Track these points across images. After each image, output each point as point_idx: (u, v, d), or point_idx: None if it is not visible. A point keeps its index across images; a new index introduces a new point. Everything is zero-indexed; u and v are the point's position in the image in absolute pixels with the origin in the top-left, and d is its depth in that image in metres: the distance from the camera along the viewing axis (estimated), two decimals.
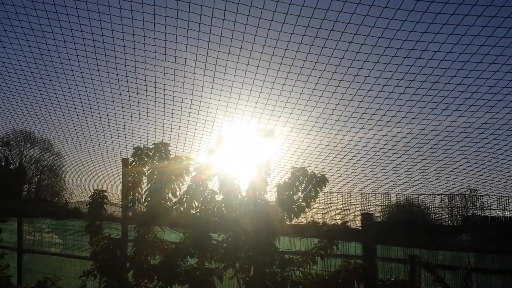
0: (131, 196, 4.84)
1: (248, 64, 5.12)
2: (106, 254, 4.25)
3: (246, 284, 3.70)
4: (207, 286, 3.56)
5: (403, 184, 5.35)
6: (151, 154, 4.86)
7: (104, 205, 4.88)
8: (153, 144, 4.89)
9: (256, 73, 5.13)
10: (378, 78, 4.59)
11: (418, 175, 5.86)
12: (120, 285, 3.95)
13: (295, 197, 4.34)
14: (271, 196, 4.35)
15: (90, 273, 4.08)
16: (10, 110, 8.27)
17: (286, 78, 5.05)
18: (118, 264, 4.09)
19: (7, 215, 7.56)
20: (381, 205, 3.95)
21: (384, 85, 4.73)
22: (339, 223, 4.02)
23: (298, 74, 4.95)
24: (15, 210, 7.01)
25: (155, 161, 4.82)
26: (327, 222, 4.05)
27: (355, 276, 3.35)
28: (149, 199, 4.65)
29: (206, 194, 4.49)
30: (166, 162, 4.79)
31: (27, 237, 7.66)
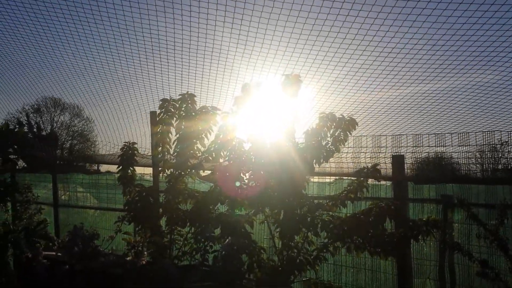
0: (160, 148, 4.92)
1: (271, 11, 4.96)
2: (139, 202, 4.35)
3: (277, 225, 3.73)
4: (239, 229, 3.61)
5: (434, 128, 5.20)
6: (177, 105, 4.88)
7: (135, 157, 4.96)
8: (180, 95, 4.90)
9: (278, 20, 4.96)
10: (409, 14, 4.35)
11: (449, 126, 5.68)
12: (154, 232, 4.05)
13: (323, 142, 4.31)
14: (299, 145, 4.31)
15: (124, 219, 4.20)
16: (39, 77, 8.41)
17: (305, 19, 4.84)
18: (151, 211, 4.19)
19: (42, 171, 7.82)
20: (412, 150, 3.86)
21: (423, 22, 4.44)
22: (369, 166, 3.98)
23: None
24: (50, 166, 7.25)
25: (182, 112, 4.84)
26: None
27: (387, 213, 3.33)
28: (178, 149, 4.71)
29: (234, 143, 4.51)
30: (193, 112, 4.80)
31: (62, 197, 7.94)
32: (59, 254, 4.11)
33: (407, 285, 3.77)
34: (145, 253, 2.34)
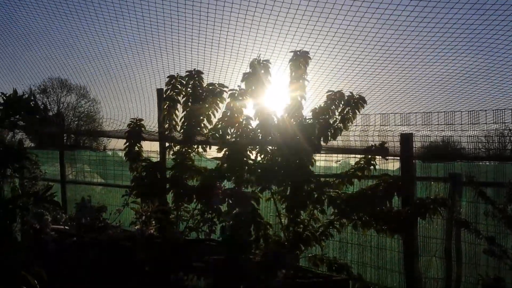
0: (167, 125, 4.91)
1: None
2: (146, 178, 4.37)
3: (284, 201, 3.73)
4: (246, 202, 3.62)
5: (444, 107, 5.12)
6: (184, 82, 4.86)
7: (142, 134, 4.96)
8: (187, 71, 4.87)
9: None
10: None
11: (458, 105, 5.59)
12: (161, 207, 4.07)
13: (331, 120, 4.28)
14: (307, 120, 4.29)
15: (131, 192, 4.22)
16: (46, 57, 8.37)
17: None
18: (158, 187, 4.21)
19: (49, 148, 7.87)
20: (421, 128, 3.83)
21: None
22: (377, 144, 3.96)
23: None
24: (57, 143, 7.30)
25: (189, 89, 4.82)
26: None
27: (395, 188, 3.32)
28: (185, 126, 4.70)
29: (241, 120, 4.50)
30: (200, 89, 4.79)
31: (69, 175, 7.99)
32: (66, 227, 4.15)
33: (413, 263, 3.78)
34: (153, 222, 2.36)
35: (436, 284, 3.78)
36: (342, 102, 4.32)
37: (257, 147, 4.23)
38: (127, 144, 4.87)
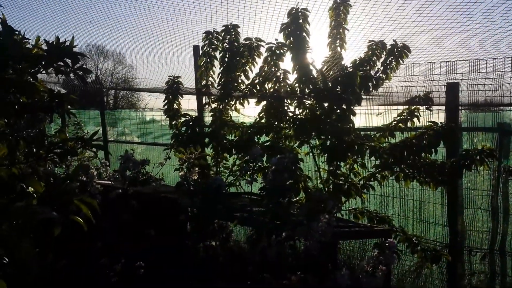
0: (204, 81, 4.91)
1: None
2: (185, 132, 4.41)
3: (324, 152, 3.69)
4: (286, 153, 3.60)
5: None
6: (221, 37, 4.80)
7: (180, 91, 4.98)
8: (223, 26, 4.80)
9: None
10: None
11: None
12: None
13: (373, 71, 4.15)
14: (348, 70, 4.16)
15: (173, 146, 4.28)
16: (83, 23, 8.42)
17: None
18: (198, 141, 4.24)
19: (91, 108, 8.07)
20: (468, 76, 3.64)
21: None
22: (421, 94, 3.82)
23: None
24: (97, 103, 7.47)
25: (225, 44, 4.77)
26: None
27: (442, 136, 3.21)
28: (222, 82, 4.68)
29: (279, 74, 4.43)
30: (236, 44, 4.72)
31: (110, 135, 8.20)
32: (110, 182, 4.28)
33: (457, 216, 3.70)
34: (196, 169, 2.39)
35: (481, 236, 3.69)
36: (384, 52, 4.18)
37: (295, 100, 4.17)
38: (166, 101, 4.92)
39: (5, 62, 1.67)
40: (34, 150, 2.02)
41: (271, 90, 4.41)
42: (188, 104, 6.46)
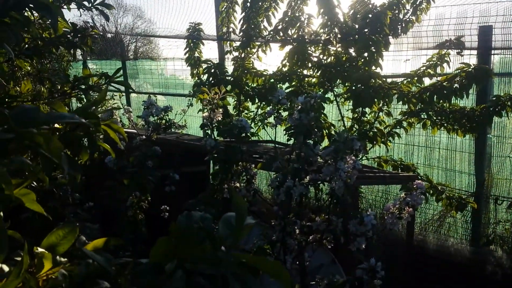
0: (225, 28, 4.80)
1: None
2: (207, 80, 4.37)
3: (350, 98, 3.61)
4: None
5: None
6: None
7: (201, 39, 4.89)
8: None
9: None
10: None
11: None
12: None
13: (401, 15, 3.97)
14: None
15: (195, 93, 4.26)
16: None
17: None
18: (219, 84, 4.19)
19: (111, 58, 8.06)
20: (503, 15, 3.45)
21: None
22: (452, 38, 3.65)
23: None
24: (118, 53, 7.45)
25: None
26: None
27: (473, 79, 3.08)
28: (243, 28, 4.56)
29: (303, 19, 4.28)
30: None
31: (132, 85, 8.19)
32: (133, 130, 4.30)
33: (485, 164, 3.62)
34: (220, 110, 2.35)
35: (508, 185, 3.62)
36: None
37: (320, 46, 4.05)
38: (187, 49, 4.85)
39: None
40: (59, 86, 2.01)
41: (295, 36, 4.28)
42: (209, 54, 6.37)
